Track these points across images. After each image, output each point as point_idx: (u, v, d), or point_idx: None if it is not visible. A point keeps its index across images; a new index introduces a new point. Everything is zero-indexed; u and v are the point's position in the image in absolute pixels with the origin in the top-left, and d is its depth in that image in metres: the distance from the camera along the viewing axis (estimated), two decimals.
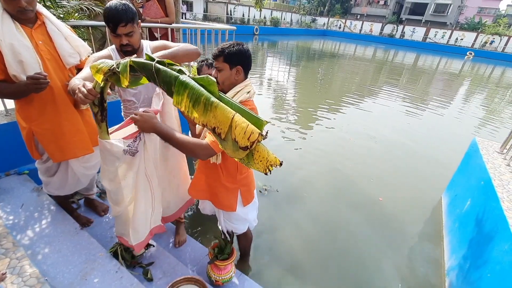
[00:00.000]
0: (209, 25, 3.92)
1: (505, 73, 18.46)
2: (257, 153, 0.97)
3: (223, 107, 0.94)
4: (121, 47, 1.39)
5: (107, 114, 1.18)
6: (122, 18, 1.30)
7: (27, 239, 1.65)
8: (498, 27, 30.05)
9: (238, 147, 0.93)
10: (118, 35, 1.34)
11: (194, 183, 1.66)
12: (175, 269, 1.73)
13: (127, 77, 1.01)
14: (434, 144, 5.28)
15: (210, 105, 0.93)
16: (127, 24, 1.33)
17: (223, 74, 1.34)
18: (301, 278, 2.24)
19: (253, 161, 0.99)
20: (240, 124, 0.91)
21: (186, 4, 24.35)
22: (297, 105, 7.03)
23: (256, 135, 0.90)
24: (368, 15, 38.69)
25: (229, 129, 0.93)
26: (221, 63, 1.32)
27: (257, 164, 0.99)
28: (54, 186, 1.81)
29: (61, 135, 1.59)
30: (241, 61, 1.33)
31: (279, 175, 3.58)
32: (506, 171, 2.44)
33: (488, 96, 10.84)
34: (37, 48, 1.43)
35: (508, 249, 1.60)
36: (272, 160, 0.98)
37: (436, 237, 2.83)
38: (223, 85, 1.37)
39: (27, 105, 1.50)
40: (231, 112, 0.93)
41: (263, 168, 0.99)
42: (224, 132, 0.94)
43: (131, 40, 1.38)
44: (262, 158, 0.98)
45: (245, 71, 1.37)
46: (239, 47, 1.32)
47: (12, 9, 1.34)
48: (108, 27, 1.33)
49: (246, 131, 0.90)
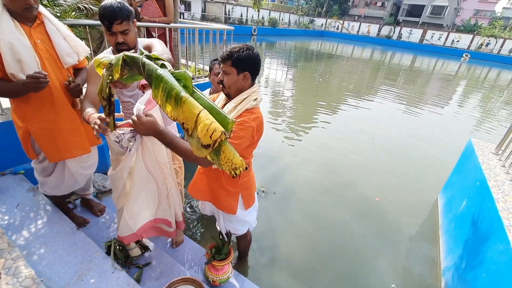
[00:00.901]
0: (207, 25, 3.91)
1: (501, 75, 18.65)
2: (223, 153, 0.95)
3: (191, 102, 0.91)
4: (117, 46, 1.38)
5: (114, 108, 1.20)
6: (117, 16, 1.29)
7: (22, 240, 1.64)
8: (493, 29, 30.38)
9: (201, 144, 0.90)
10: (114, 33, 1.34)
11: (195, 183, 1.65)
12: (172, 270, 1.73)
13: (118, 70, 1.02)
14: (430, 144, 5.32)
15: (179, 100, 0.91)
16: (123, 22, 1.32)
17: (230, 78, 1.30)
18: (298, 278, 2.24)
19: (220, 161, 0.96)
20: (204, 121, 0.88)
21: (184, 4, 24.31)
22: (295, 106, 7.05)
23: (218, 134, 0.87)
24: (365, 16, 38.90)
25: (195, 125, 0.90)
26: (228, 67, 1.28)
27: (224, 166, 0.97)
28: (50, 186, 1.79)
29: (58, 135, 1.58)
30: (250, 67, 1.29)
31: (277, 176, 3.58)
32: (501, 172, 2.47)
33: (484, 97, 10.94)
34: (36, 47, 1.42)
35: (503, 249, 1.62)
36: (237, 163, 0.96)
37: (433, 237, 2.85)
38: (229, 89, 1.34)
39: (24, 104, 1.49)
40: (198, 108, 0.90)
41: (228, 170, 0.97)
42: (191, 128, 0.91)
43: (126, 39, 1.37)
44: (228, 160, 0.95)
45: (252, 77, 1.33)
46: (249, 52, 1.27)
47: (19, 6, 1.32)
48: (104, 25, 1.32)
49: (209, 128, 0.87)
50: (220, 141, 0.89)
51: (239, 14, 28.72)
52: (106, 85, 1.11)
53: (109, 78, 1.10)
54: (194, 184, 1.66)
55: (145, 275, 1.69)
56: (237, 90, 1.33)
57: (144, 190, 1.44)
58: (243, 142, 1.30)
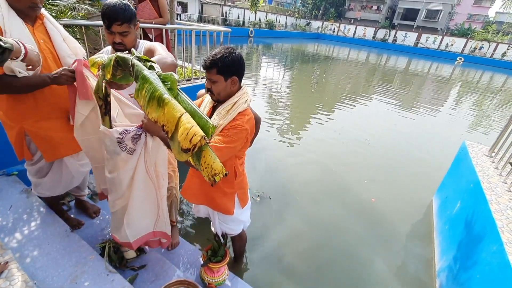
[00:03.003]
0: (204, 26, 3.92)
1: (494, 78, 18.93)
2: (203, 158, 0.93)
3: (173, 105, 0.90)
4: (113, 45, 1.40)
5: (110, 108, 1.22)
6: (118, 17, 1.31)
7: (15, 242, 1.61)
8: (487, 33, 30.86)
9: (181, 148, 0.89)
10: (112, 33, 1.35)
11: (188, 186, 1.64)
12: (168, 272, 1.71)
13: (110, 70, 1.04)
14: (425, 146, 5.37)
15: (162, 102, 0.90)
16: (123, 24, 1.33)
17: (218, 86, 1.28)
18: (295, 279, 2.24)
19: (200, 167, 0.95)
20: (185, 125, 0.87)
21: (181, 5, 24.29)
22: (291, 108, 7.07)
23: (198, 138, 0.85)
24: (361, 19, 39.23)
25: (175, 129, 0.89)
26: (214, 75, 1.25)
27: (203, 172, 0.95)
28: (45, 187, 1.77)
29: (56, 132, 1.57)
30: (236, 71, 1.27)
31: (272, 180, 3.59)
32: (494, 174, 2.50)
33: (477, 100, 11.09)
34: (40, 47, 1.42)
35: (497, 250, 1.64)
36: (217, 168, 0.94)
37: (427, 239, 2.87)
38: (219, 96, 1.32)
39: (20, 104, 1.47)
40: (180, 111, 0.89)
41: (207, 177, 0.95)
42: (171, 131, 0.90)
43: (124, 40, 1.39)
44: (207, 165, 0.94)
45: (240, 79, 1.33)
46: (232, 56, 1.24)
47: (25, 4, 1.32)
48: (104, 23, 1.34)
49: (189, 132, 0.86)
50: (200, 146, 0.88)
51: (236, 16, 28.77)
52: (102, 85, 1.12)
53: (105, 78, 1.11)
54: (187, 188, 1.65)
55: (140, 277, 1.67)
56: (227, 96, 1.33)
57: (144, 196, 1.42)
58: (238, 146, 1.31)
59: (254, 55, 16.54)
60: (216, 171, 0.94)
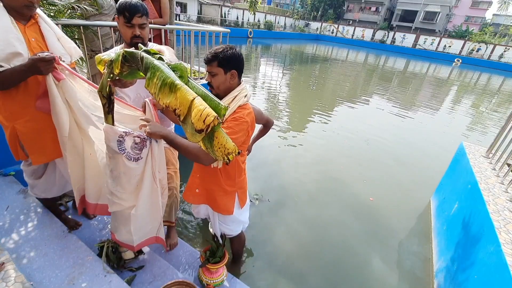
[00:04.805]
0: (203, 27, 3.91)
1: (491, 80, 19.06)
2: (216, 139, 0.98)
3: (185, 89, 0.95)
4: (132, 39, 1.45)
5: (113, 107, 1.24)
6: (139, 9, 1.40)
7: (12, 243, 1.60)
8: (484, 35, 31.09)
9: (194, 129, 0.94)
10: (133, 25, 1.42)
11: (190, 188, 1.64)
12: (166, 273, 1.71)
13: (118, 66, 1.07)
14: (423, 147, 5.39)
15: (174, 87, 0.95)
16: (143, 16, 1.42)
17: (218, 78, 1.33)
18: (293, 279, 2.23)
19: (213, 148, 1.00)
20: (198, 107, 0.92)
21: (180, 6, 24.29)
22: (290, 108, 7.08)
23: (211, 118, 0.90)
24: (360, 21, 39.41)
25: (188, 111, 0.94)
26: (215, 68, 1.31)
27: (217, 152, 1.00)
28: (40, 189, 1.75)
29: (46, 134, 1.54)
30: (236, 65, 1.33)
31: (270, 181, 3.58)
32: (492, 175, 2.51)
33: (475, 101, 11.15)
34: (30, 45, 1.41)
35: (494, 251, 1.65)
36: (230, 148, 0.99)
37: (425, 239, 2.88)
38: (218, 89, 1.36)
39: (11, 102, 1.45)
40: (192, 94, 0.94)
41: (221, 156, 1.00)
42: (183, 114, 0.95)
43: (143, 32, 1.46)
44: (221, 145, 0.98)
45: (239, 74, 1.37)
46: (233, 51, 1.31)
47: (21, 3, 1.32)
48: (124, 17, 1.40)
49: (202, 113, 0.90)
50: (213, 126, 0.92)
51: (235, 17, 28.81)
52: (106, 83, 1.14)
53: (110, 76, 1.13)
54: (189, 190, 1.65)
55: (138, 278, 1.66)
56: (226, 89, 1.36)
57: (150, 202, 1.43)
58: (240, 137, 1.33)
59: (253, 55, 16.54)
60: (229, 150, 0.99)
